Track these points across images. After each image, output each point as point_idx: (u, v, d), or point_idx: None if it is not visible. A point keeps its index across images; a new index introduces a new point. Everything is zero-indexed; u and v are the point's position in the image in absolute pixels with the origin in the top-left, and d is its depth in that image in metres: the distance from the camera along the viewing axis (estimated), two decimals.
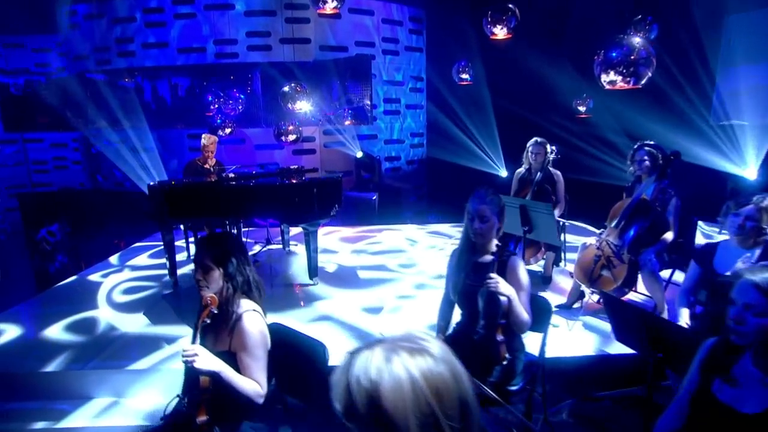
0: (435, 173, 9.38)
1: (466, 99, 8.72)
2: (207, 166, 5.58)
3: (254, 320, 1.93)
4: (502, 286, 2.36)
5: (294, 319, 3.94)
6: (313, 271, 4.76)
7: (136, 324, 3.96)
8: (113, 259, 5.89)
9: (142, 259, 5.84)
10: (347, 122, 8.25)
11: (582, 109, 7.59)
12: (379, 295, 4.49)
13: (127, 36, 8.01)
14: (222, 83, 8.83)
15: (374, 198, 7.54)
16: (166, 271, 4.97)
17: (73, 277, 5.20)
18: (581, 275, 3.82)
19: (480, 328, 2.47)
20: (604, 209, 3.97)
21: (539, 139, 4.73)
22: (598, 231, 4.01)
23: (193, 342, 1.85)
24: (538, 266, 4.69)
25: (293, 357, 2.19)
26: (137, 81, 8.39)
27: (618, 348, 3.39)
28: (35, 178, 10.38)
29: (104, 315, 4.17)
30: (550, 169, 4.71)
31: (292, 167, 5.19)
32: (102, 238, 7.66)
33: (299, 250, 6.01)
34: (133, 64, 8.14)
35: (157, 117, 8.39)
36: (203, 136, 5.46)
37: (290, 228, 5.92)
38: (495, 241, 2.57)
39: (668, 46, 5.94)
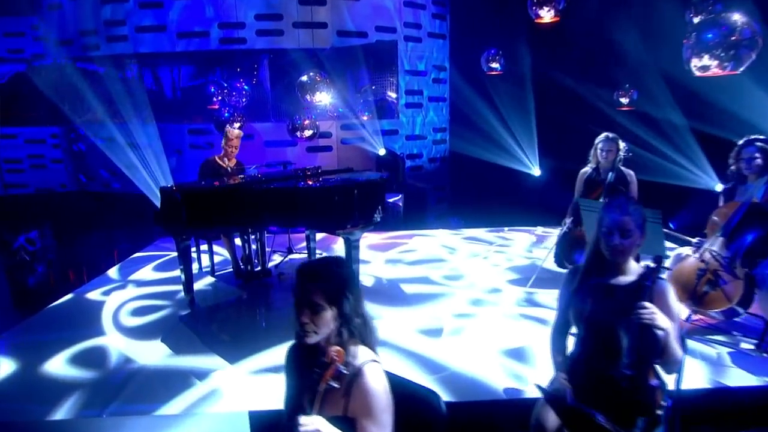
0: (458, 172, 9.03)
1: (495, 91, 8.36)
2: (227, 165, 5.13)
3: (377, 376, 1.53)
4: (660, 319, 1.98)
5: None
6: None
7: (154, 354, 3.52)
8: (112, 272, 5.41)
9: (147, 273, 5.38)
10: (366, 117, 7.85)
11: (624, 100, 7.30)
12: (433, 314, 4.10)
13: (118, 18, 7.52)
14: (227, 72, 8.40)
15: (399, 200, 7.15)
16: (178, 287, 4.54)
17: (69, 296, 4.72)
18: (680, 293, 3.46)
19: (625, 369, 2.09)
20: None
21: (610, 135, 4.38)
22: (693, 240, 3.66)
23: (309, 412, 1.44)
24: None
25: (406, 413, 1.79)
26: (130, 69, 7.91)
27: (737, 378, 3.05)
28: (8, 179, 9.79)
29: (114, 343, 3.72)
30: (622, 168, 4.37)
31: (320, 168, 4.78)
32: (91, 248, 7.16)
33: None
34: (125, 50, 7.66)
35: (153, 110, 7.90)
36: (227, 129, 5.01)
37: (316, 234, 5.50)
38: (632, 260, 2.21)
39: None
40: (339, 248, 5.93)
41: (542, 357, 3.16)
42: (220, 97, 7.65)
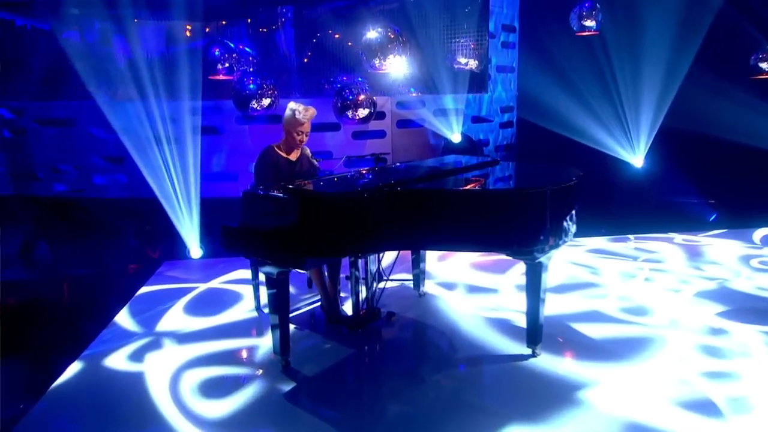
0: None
1: (583, 58, 7.56)
2: (294, 157, 3.99)
3: None
4: None
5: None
6: (537, 330, 3.38)
7: None
8: (123, 319, 4.16)
9: (177, 317, 4.17)
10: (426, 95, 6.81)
11: (765, 66, 6.72)
12: (670, 373, 3.19)
13: None
14: (230, 30, 7.17)
15: None
16: (248, 340, 3.49)
17: (76, 365, 3.45)
18: None
19: None
20: None
21: None
22: None
23: None
24: None
25: None
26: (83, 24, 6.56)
27: None
28: None
29: None
30: None
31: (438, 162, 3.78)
32: (51, 280, 5.76)
33: (439, 292, 4.59)
34: None
35: (123, 82, 6.53)
36: (293, 107, 3.83)
37: (425, 255, 4.47)
38: None
39: None
40: (438, 271, 4.97)
41: None
42: (227, 64, 6.45)
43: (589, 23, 6.92)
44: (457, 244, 3.23)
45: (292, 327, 3.88)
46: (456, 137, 6.64)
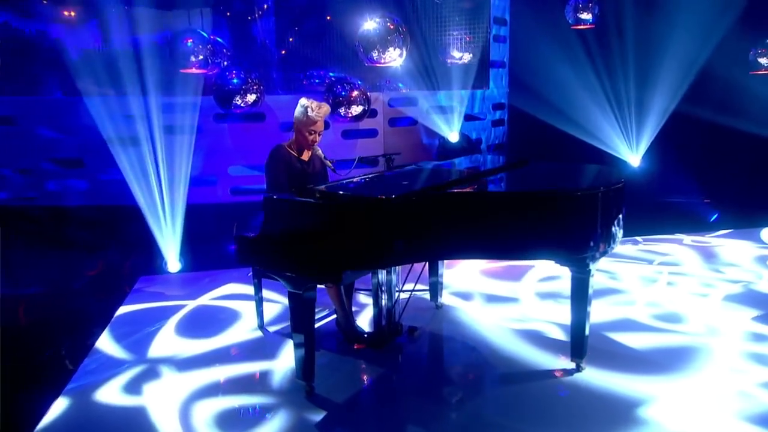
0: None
1: (579, 52, 7.56)
2: (305, 157, 3.75)
3: None
4: None
5: None
6: (583, 342, 3.27)
7: None
8: (105, 344, 3.80)
9: (170, 340, 3.84)
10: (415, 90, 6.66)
11: (764, 61, 6.86)
12: (726, 385, 3.12)
13: None
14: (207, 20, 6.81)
15: None
16: (262, 365, 3.20)
17: (63, 404, 3.10)
18: None
19: None
20: None
21: None
22: None
23: None
24: None
25: None
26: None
27: None
28: None
29: None
30: None
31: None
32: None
33: (456, 302, 4.42)
34: None
35: (79, 76, 6.09)
36: (305, 104, 3.59)
37: (443, 263, 4.29)
38: None
39: None
40: (448, 279, 4.82)
41: None
42: (201, 56, 6.11)
43: (586, 16, 6.89)
44: (503, 252, 3.07)
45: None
46: (454, 136, 6.51)
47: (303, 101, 3.65)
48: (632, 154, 7.53)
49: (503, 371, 3.39)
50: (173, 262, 5.43)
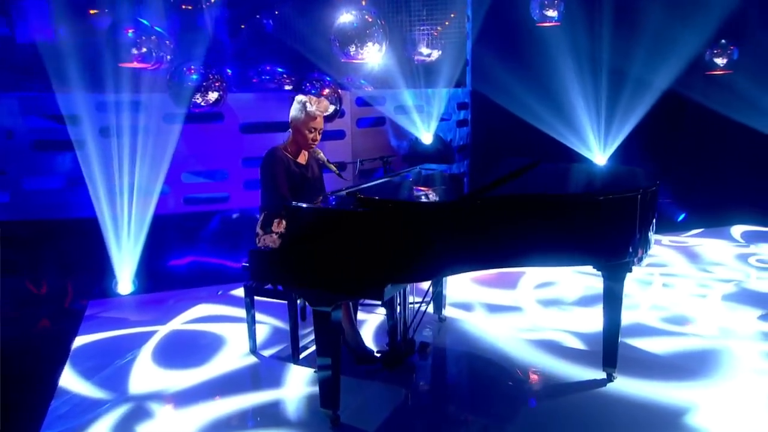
0: (483, 163, 8.22)
1: (542, 50, 7.73)
2: (302, 160, 3.58)
3: None
4: None
5: None
6: (616, 351, 3.30)
7: None
8: (70, 382, 3.43)
9: (151, 372, 3.52)
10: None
11: (720, 62, 7.29)
12: (763, 389, 3.23)
13: None
14: (146, 10, 6.41)
15: None
16: (270, 395, 3.02)
17: None
18: None
19: None
20: None
21: None
22: None
23: None
24: None
25: None
26: None
27: None
28: None
29: None
30: None
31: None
32: None
33: (458, 314, 4.36)
34: None
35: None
36: (303, 99, 3.42)
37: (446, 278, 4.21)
38: None
39: None
40: (449, 291, 4.76)
41: None
42: (144, 48, 5.74)
43: (551, 13, 7.08)
44: (543, 258, 3.04)
45: (311, 371, 3.44)
46: (427, 138, 6.47)
47: (300, 97, 3.52)
48: (601, 154, 7.79)
49: (531, 386, 3.36)
50: (125, 283, 5.03)
